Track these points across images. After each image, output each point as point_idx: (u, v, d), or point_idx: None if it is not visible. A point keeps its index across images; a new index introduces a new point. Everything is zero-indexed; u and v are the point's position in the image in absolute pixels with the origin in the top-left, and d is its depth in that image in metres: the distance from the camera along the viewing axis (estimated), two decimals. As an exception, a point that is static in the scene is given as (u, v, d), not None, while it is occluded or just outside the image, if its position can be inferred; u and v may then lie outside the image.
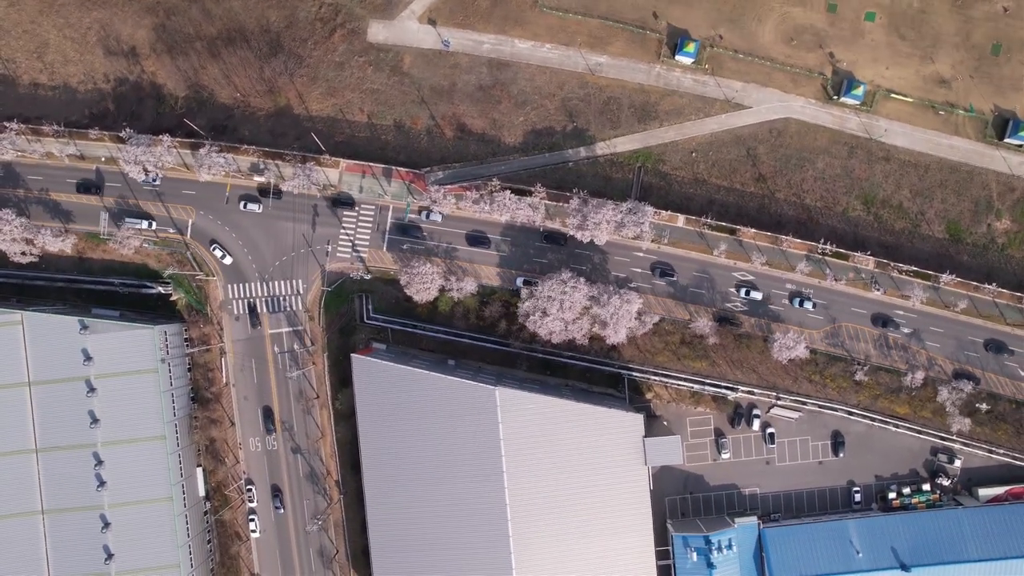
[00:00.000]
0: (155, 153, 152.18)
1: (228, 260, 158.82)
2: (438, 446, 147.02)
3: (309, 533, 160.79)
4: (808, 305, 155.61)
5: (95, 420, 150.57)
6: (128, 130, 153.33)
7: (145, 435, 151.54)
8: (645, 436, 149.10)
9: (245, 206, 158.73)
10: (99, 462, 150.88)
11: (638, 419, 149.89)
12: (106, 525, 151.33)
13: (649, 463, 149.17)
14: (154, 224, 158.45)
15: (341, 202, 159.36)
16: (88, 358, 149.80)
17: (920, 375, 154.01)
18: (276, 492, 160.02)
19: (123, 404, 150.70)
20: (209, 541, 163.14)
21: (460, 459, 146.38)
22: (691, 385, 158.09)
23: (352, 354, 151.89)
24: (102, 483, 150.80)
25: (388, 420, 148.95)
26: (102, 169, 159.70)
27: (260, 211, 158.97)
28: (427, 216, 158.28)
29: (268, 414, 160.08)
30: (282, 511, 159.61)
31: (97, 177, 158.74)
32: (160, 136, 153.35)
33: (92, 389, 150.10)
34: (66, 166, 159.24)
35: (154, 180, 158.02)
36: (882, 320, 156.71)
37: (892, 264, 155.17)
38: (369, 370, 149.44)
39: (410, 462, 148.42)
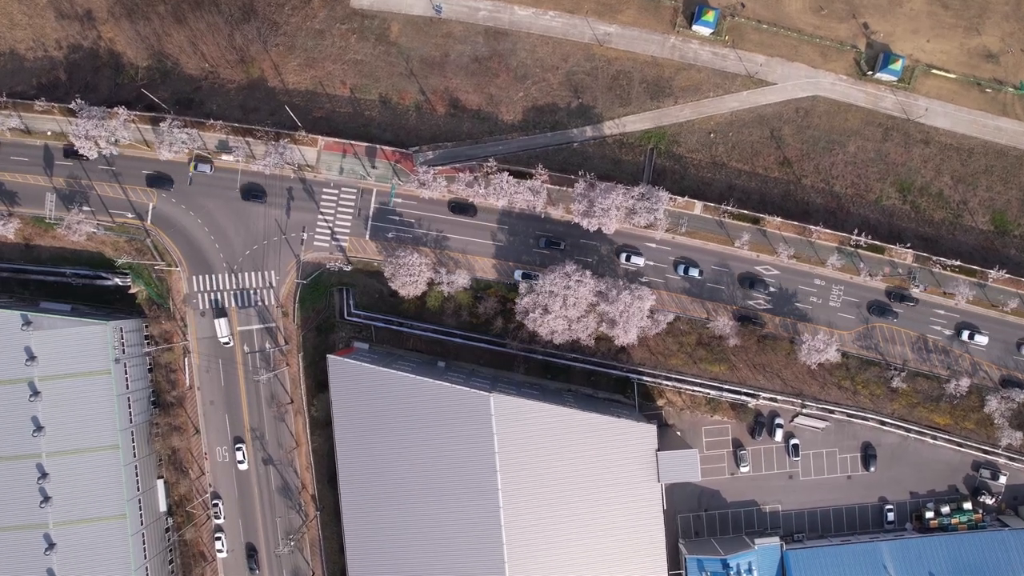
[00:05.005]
0: (109, 127, 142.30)
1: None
2: (425, 459, 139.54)
3: (281, 554, 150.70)
4: (694, 272, 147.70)
5: (39, 427, 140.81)
6: (79, 101, 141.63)
7: (96, 444, 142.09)
8: (658, 449, 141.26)
9: (196, 167, 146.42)
10: (43, 475, 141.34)
11: (650, 430, 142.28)
12: (51, 546, 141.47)
13: (663, 480, 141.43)
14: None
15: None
16: (31, 357, 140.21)
17: (965, 382, 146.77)
18: (238, 442, 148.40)
19: (72, 409, 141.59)
20: (170, 562, 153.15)
21: (450, 473, 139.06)
22: (708, 391, 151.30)
23: (329, 355, 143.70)
24: (46, 498, 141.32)
25: (369, 429, 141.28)
26: (50, 145, 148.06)
27: (211, 172, 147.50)
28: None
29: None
30: (244, 466, 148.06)
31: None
32: (115, 108, 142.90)
33: (36, 392, 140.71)
34: (9, 141, 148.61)
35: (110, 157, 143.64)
36: (750, 280, 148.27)
37: (934, 259, 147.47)
38: (348, 373, 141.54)
39: (394, 476, 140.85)
